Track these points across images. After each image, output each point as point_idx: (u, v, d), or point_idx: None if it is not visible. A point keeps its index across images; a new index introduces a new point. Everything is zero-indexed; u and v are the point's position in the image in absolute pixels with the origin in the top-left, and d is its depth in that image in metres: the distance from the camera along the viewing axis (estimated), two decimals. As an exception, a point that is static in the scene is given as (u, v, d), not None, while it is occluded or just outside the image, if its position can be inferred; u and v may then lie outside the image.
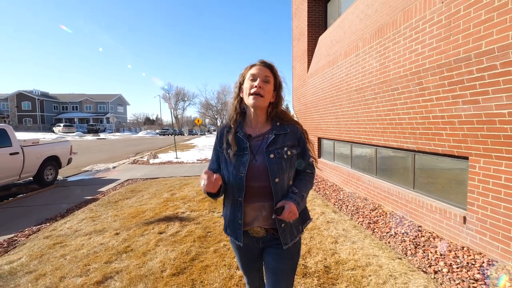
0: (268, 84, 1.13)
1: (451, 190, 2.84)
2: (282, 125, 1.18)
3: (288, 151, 1.13)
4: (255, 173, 1.10)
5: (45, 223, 3.79)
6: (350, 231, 3.07)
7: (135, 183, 6.35)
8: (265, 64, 1.16)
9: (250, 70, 1.16)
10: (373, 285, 2.03)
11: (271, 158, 1.10)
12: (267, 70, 1.14)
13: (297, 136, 1.19)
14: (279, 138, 1.15)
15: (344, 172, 5.20)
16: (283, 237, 1.12)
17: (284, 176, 1.11)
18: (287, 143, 1.15)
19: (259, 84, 1.10)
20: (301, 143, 1.20)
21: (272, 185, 1.09)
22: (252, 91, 1.11)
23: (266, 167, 1.09)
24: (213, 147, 1.26)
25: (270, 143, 1.13)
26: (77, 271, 2.38)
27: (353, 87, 4.19)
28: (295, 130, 1.19)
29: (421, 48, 2.68)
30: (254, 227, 1.13)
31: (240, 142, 1.15)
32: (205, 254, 2.58)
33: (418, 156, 3.31)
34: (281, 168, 1.10)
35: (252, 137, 1.17)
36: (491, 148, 2.25)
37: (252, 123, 1.20)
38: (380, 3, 3.64)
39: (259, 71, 1.13)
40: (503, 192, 2.20)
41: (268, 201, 1.11)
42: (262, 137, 1.16)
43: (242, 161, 1.11)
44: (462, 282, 2.05)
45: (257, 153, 1.13)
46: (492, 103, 2.09)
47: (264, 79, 1.13)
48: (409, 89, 2.95)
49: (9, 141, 5.71)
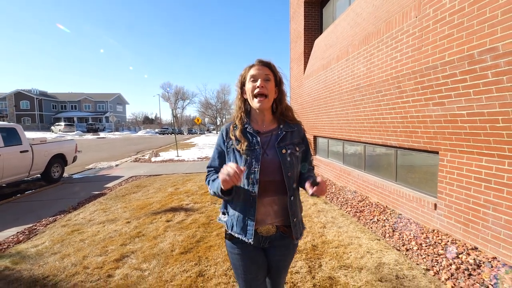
0: (270, 82, 1.16)
1: (426, 181, 3.21)
2: (288, 123, 1.22)
3: (296, 147, 1.18)
4: (267, 168, 1.12)
5: (59, 214, 4.12)
6: (338, 218, 3.44)
7: (139, 179, 6.67)
8: (263, 63, 1.18)
9: (249, 72, 1.18)
10: (352, 259, 2.39)
11: (283, 154, 1.14)
12: (266, 69, 1.17)
13: (302, 135, 1.25)
14: (288, 135, 1.19)
15: (337, 168, 5.56)
16: (295, 231, 1.15)
17: (294, 171, 1.15)
18: (295, 140, 1.20)
19: (261, 84, 1.13)
20: (305, 141, 1.26)
21: (285, 179, 1.12)
22: (255, 92, 1.13)
23: (278, 162, 1.12)
24: (216, 145, 1.27)
25: (281, 139, 1.17)
26: (97, 252, 2.73)
27: (343, 89, 4.55)
28: (300, 129, 1.25)
29: (400, 56, 3.04)
30: (266, 225, 1.14)
31: (249, 137, 1.17)
32: (208, 237, 2.94)
33: (399, 151, 3.68)
34: (293, 163, 1.15)
35: (261, 133, 1.19)
36: (455, 143, 2.61)
37: (258, 121, 1.23)
38: (368, 13, 3.99)
39: (259, 71, 1.15)
40: (464, 181, 2.56)
41: (278, 195, 1.13)
42: (271, 133, 1.19)
43: (254, 155, 1.12)
44: (427, 256, 2.41)
45: (267, 148, 1.15)
46: (454, 105, 2.45)
47: (265, 77, 1.15)
48: (390, 92, 3.30)
49: (19, 139, 6.01)
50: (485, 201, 2.38)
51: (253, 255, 1.16)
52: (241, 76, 1.22)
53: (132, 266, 2.41)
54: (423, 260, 2.37)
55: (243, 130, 1.18)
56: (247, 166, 1.12)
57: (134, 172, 7.86)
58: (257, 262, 1.17)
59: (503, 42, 1.89)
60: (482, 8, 2.04)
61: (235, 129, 1.19)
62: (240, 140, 1.15)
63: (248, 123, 1.21)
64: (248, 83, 1.17)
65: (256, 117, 1.23)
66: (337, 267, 2.26)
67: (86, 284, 2.16)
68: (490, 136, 2.23)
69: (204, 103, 57.87)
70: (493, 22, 1.96)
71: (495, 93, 2.05)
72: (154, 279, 2.19)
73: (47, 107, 48.90)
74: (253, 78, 1.15)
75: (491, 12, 1.98)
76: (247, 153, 1.12)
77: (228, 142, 1.20)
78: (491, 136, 2.22)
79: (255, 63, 1.18)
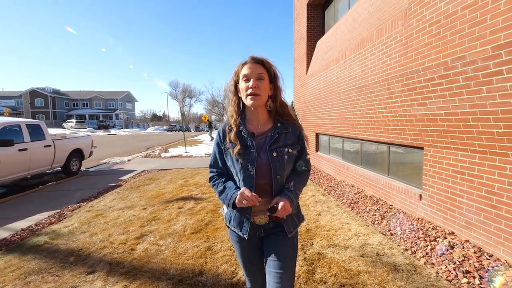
0: (263, 80, 1.13)
1: (413, 174, 3.50)
2: (283, 124, 1.21)
3: (289, 149, 1.17)
4: (261, 171, 1.13)
5: (82, 202, 4.59)
6: (333, 208, 3.78)
7: (151, 173, 7.14)
8: (255, 60, 1.15)
9: (242, 70, 1.15)
10: (340, 240, 2.74)
11: (274, 157, 1.14)
12: (259, 67, 1.14)
13: (297, 134, 1.22)
14: (281, 137, 1.18)
15: (336, 164, 5.87)
16: (287, 226, 1.17)
17: (284, 173, 1.16)
18: (288, 141, 1.18)
19: (254, 84, 1.11)
20: (300, 140, 1.23)
21: (273, 182, 1.13)
22: (248, 92, 1.12)
23: (269, 165, 1.13)
24: (214, 144, 1.28)
25: (273, 141, 1.16)
26: (120, 231, 3.16)
27: (342, 89, 4.85)
28: (295, 129, 1.22)
29: (389, 60, 3.34)
30: (259, 215, 1.17)
31: (245, 140, 1.17)
32: (216, 221, 3.33)
33: (391, 147, 3.98)
34: (283, 165, 1.15)
35: (256, 135, 1.19)
36: (436, 140, 2.91)
37: (253, 120, 1.22)
38: (363, 19, 4.28)
39: (251, 70, 1.13)
40: (444, 173, 2.86)
41: (270, 197, 1.15)
42: (265, 135, 1.19)
43: (250, 159, 1.13)
44: (408, 239, 2.74)
45: (261, 151, 1.15)
46: (434, 106, 2.75)
47: (257, 77, 1.12)
48: (381, 93, 3.60)
49: (43, 135, 6.55)
50: (460, 191, 2.68)
51: (248, 243, 1.22)
52: (235, 74, 1.21)
53: (151, 242, 2.82)
54: (404, 243, 2.70)
55: (238, 133, 1.18)
56: (243, 169, 1.14)
57: (145, 166, 8.34)
58: (251, 249, 1.24)
59: (469, 52, 2.19)
60: (454, 22, 2.34)
61: (230, 131, 1.20)
62: (235, 143, 1.16)
63: (243, 124, 1.20)
64: (241, 81, 1.16)
65: (251, 116, 1.22)
66: (326, 246, 2.61)
67: (113, 255, 2.58)
68: (463, 133, 2.53)
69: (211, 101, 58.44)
70: (462, 34, 2.25)
71: (465, 96, 2.35)
72: (170, 252, 2.59)
73: (60, 104, 50.46)
74: (246, 78, 1.14)
75: (460, 25, 2.27)
76: (242, 157, 1.14)
77: (224, 144, 1.21)
78: (464, 133, 2.52)
79: (248, 61, 1.16)
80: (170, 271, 2.25)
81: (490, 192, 2.36)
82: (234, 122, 1.20)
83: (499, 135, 2.19)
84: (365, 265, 2.25)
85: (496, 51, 1.98)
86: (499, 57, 1.97)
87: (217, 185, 1.22)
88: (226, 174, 1.26)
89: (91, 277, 2.22)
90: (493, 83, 2.07)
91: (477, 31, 2.13)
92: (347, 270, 2.17)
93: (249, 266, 1.27)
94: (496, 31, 1.98)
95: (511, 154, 2.15)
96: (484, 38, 2.07)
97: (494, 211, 2.32)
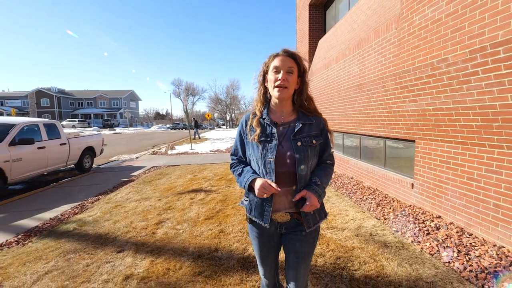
0: (292, 74, 1.14)
1: (406, 165, 3.80)
2: (307, 116, 1.21)
3: (313, 140, 1.18)
4: (282, 159, 1.14)
5: (100, 195, 4.96)
6: (333, 197, 4.09)
7: (160, 169, 7.50)
8: (288, 53, 1.17)
9: (273, 62, 1.16)
10: (338, 223, 3.06)
11: (298, 146, 1.14)
12: (290, 60, 1.15)
13: (321, 127, 1.23)
14: (305, 128, 1.19)
15: (337, 158, 6.17)
16: (306, 221, 1.16)
17: (308, 164, 1.16)
18: (312, 132, 1.19)
19: (283, 77, 1.13)
20: (324, 133, 1.24)
21: (297, 171, 1.13)
22: (276, 83, 1.14)
23: (293, 154, 1.13)
24: (237, 134, 1.31)
25: (297, 131, 1.17)
26: (140, 219, 3.51)
27: (342, 87, 5.13)
28: (319, 121, 1.23)
29: (384, 60, 3.61)
30: (280, 212, 1.17)
31: (266, 128, 1.19)
32: (226, 209, 3.67)
33: (387, 141, 4.27)
34: (307, 156, 1.15)
35: (278, 124, 1.20)
36: (426, 133, 3.20)
37: (277, 111, 1.23)
38: (361, 21, 4.54)
39: (282, 63, 1.14)
40: (432, 163, 3.16)
41: (293, 186, 1.15)
42: (288, 125, 1.20)
43: (270, 146, 1.14)
44: (400, 223, 3.04)
45: (283, 140, 1.17)
46: (423, 102, 3.03)
47: (288, 70, 1.14)
48: (377, 90, 3.89)
49: (58, 134, 6.92)
50: (446, 179, 2.98)
51: (268, 237, 1.25)
52: (265, 64, 1.22)
53: (169, 227, 3.17)
54: (396, 225, 3.01)
55: (260, 120, 1.21)
56: (263, 156, 1.15)
57: (154, 163, 8.71)
58: (269, 244, 1.26)
59: (452, 54, 2.46)
60: (439, 27, 2.61)
61: (253, 118, 1.23)
62: (255, 129, 1.19)
63: (267, 113, 1.23)
64: (270, 73, 1.17)
65: (275, 107, 1.24)
66: (325, 228, 2.93)
67: (137, 238, 2.93)
68: (448, 127, 2.82)
69: (214, 99, 58.76)
70: (446, 38, 2.53)
71: (449, 93, 2.63)
72: (187, 234, 2.93)
73: (66, 104, 51.20)
74: (276, 70, 1.15)
75: (444, 30, 2.55)
76: (263, 145, 1.16)
77: (246, 131, 1.24)
78: (449, 126, 2.80)
79: (280, 53, 1.18)
80: (189, 249, 2.59)
81: (470, 179, 2.65)
82: (258, 110, 1.24)
83: (477, 128, 2.47)
84: (359, 243, 2.56)
85: (473, 54, 2.26)
86: (475, 60, 2.25)
87: (236, 170, 1.28)
88: (245, 162, 1.32)
89: (121, 255, 2.56)
90: (471, 82, 2.36)
91: (457, 36, 2.41)
92: (343, 247, 2.49)
93: (265, 259, 1.31)
94: (472, 36, 2.26)
95: (487, 144, 2.44)
96: (463, 42, 2.35)
97: (474, 195, 2.62)
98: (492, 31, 2.08)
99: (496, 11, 2.04)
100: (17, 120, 6.22)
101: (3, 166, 5.10)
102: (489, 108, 2.27)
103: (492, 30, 2.08)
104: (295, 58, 1.17)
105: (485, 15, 2.14)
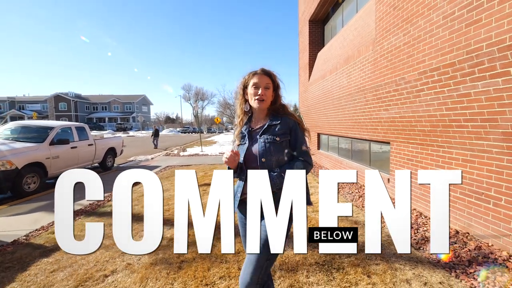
0: (268, 89, 1.38)
1: (384, 163, 4.47)
2: (276, 117, 1.40)
3: (277, 137, 1.33)
4: (251, 157, 1.36)
5: (125, 188, 5.81)
6: (323, 191, 4.79)
7: (174, 168, 8.35)
8: (265, 72, 1.40)
9: (253, 79, 1.39)
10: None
11: (262, 143, 1.34)
12: (267, 78, 1.39)
13: (289, 126, 1.38)
14: (271, 127, 1.37)
15: (333, 159, 6.85)
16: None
17: (271, 158, 1.32)
18: (278, 131, 1.35)
19: (262, 92, 1.36)
20: (293, 132, 1.38)
21: (259, 165, 1.31)
22: (256, 97, 1.37)
23: (257, 150, 1.34)
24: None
25: (263, 131, 1.37)
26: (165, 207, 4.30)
27: (334, 96, 5.85)
28: (287, 121, 1.39)
29: (364, 76, 4.33)
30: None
31: (245, 135, 1.43)
32: (232, 198, 4.43)
33: (372, 144, 4.94)
34: (268, 150, 1.32)
35: (254, 129, 1.43)
36: (397, 136, 3.88)
37: (256, 118, 1.47)
38: (350, 39, 5.28)
39: (261, 80, 1.37)
40: (402, 161, 3.83)
41: None
42: (260, 128, 1.40)
43: (243, 148, 1.39)
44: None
45: (253, 141, 1.39)
46: (393, 111, 3.72)
47: (265, 86, 1.37)
48: (360, 100, 4.59)
49: (87, 136, 7.90)
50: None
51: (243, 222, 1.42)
52: (244, 79, 1.44)
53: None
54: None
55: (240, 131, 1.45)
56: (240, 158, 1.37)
57: (168, 163, 9.59)
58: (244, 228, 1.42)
59: (407, 74, 3.17)
60: (399, 52, 3.32)
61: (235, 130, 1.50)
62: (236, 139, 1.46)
63: (248, 123, 1.47)
64: (250, 88, 1.39)
65: (255, 115, 1.48)
66: (311, 211, 3.64)
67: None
68: (410, 131, 3.50)
69: (223, 103, 59.96)
70: (404, 62, 3.24)
71: (408, 104, 3.33)
72: (201, 215, 3.70)
73: (82, 108, 53.58)
74: (255, 86, 1.38)
75: (402, 55, 3.26)
76: (240, 148, 1.41)
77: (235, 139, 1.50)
78: (410, 131, 3.49)
79: (258, 72, 1.40)
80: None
81: (426, 172, 3.32)
82: (239, 123, 1.48)
83: (428, 132, 3.16)
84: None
85: (421, 75, 2.97)
86: (421, 80, 2.95)
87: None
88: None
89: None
90: (421, 96, 3.05)
91: (410, 61, 3.12)
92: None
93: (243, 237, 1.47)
94: (419, 62, 2.97)
95: (436, 145, 3.12)
96: (414, 66, 3.06)
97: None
98: (430, 59, 2.79)
99: (432, 44, 2.75)
100: (54, 123, 7.23)
101: (45, 162, 6.05)
102: (433, 116, 2.96)
103: (430, 59, 2.79)
104: (270, 76, 1.41)
105: (425, 47, 2.85)
